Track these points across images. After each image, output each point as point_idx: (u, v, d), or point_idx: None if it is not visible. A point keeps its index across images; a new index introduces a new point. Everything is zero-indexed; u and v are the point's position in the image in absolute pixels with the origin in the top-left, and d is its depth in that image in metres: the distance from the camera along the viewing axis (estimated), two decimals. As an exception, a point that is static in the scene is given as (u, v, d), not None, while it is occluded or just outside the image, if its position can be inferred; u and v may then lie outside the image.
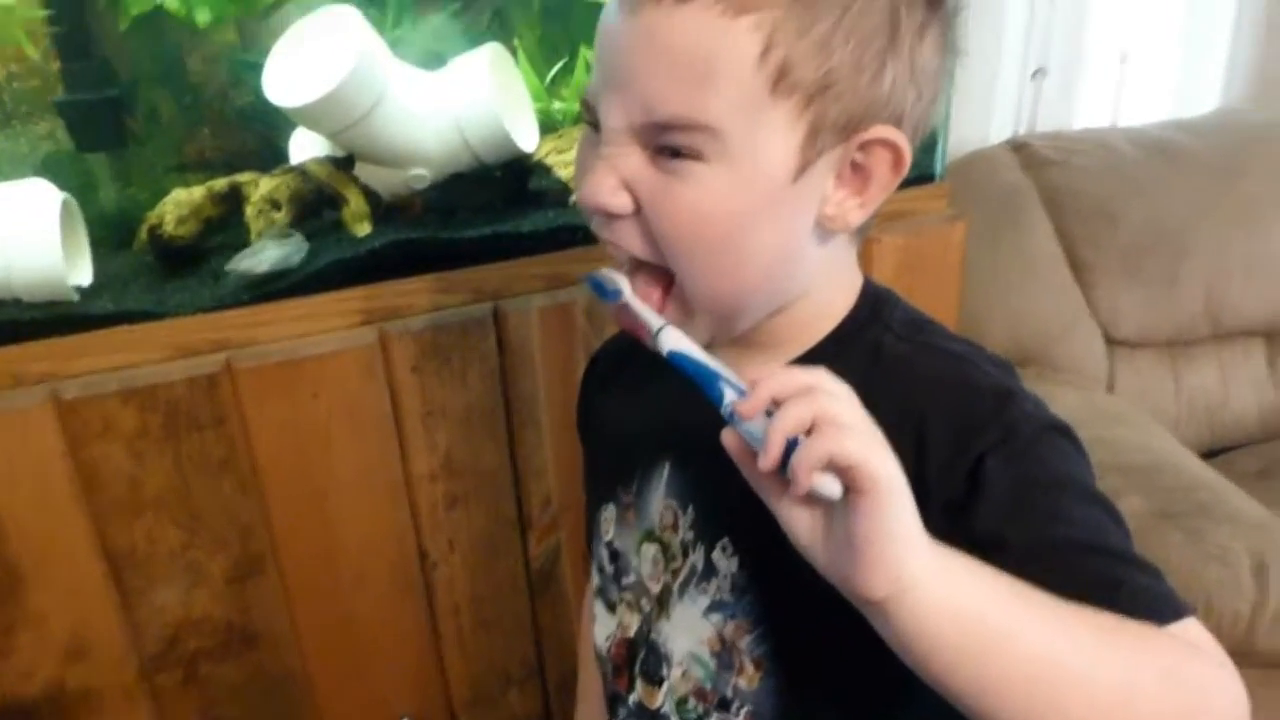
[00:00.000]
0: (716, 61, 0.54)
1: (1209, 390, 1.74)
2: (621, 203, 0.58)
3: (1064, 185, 1.70)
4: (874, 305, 0.66)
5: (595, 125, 0.60)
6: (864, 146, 0.58)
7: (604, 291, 0.62)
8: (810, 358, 0.64)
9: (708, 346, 0.58)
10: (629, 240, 0.60)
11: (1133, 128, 1.83)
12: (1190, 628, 0.53)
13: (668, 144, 0.56)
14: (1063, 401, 1.50)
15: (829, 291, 0.65)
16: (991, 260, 1.61)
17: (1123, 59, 1.89)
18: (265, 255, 1.02)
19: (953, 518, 0.55)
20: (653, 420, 0.71)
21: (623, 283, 0.61)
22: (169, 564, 1.02)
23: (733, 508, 0.62)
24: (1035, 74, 1.83)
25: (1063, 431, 0.59)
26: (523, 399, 1.09)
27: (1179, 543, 1.21)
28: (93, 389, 0.95)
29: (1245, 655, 1.15)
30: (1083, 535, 0.55)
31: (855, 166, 0.59)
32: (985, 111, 1.81)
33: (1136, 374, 1.71)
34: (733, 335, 0.64)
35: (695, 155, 0.56)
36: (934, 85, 0.60)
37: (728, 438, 0.52)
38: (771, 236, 0.59)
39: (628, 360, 0.78)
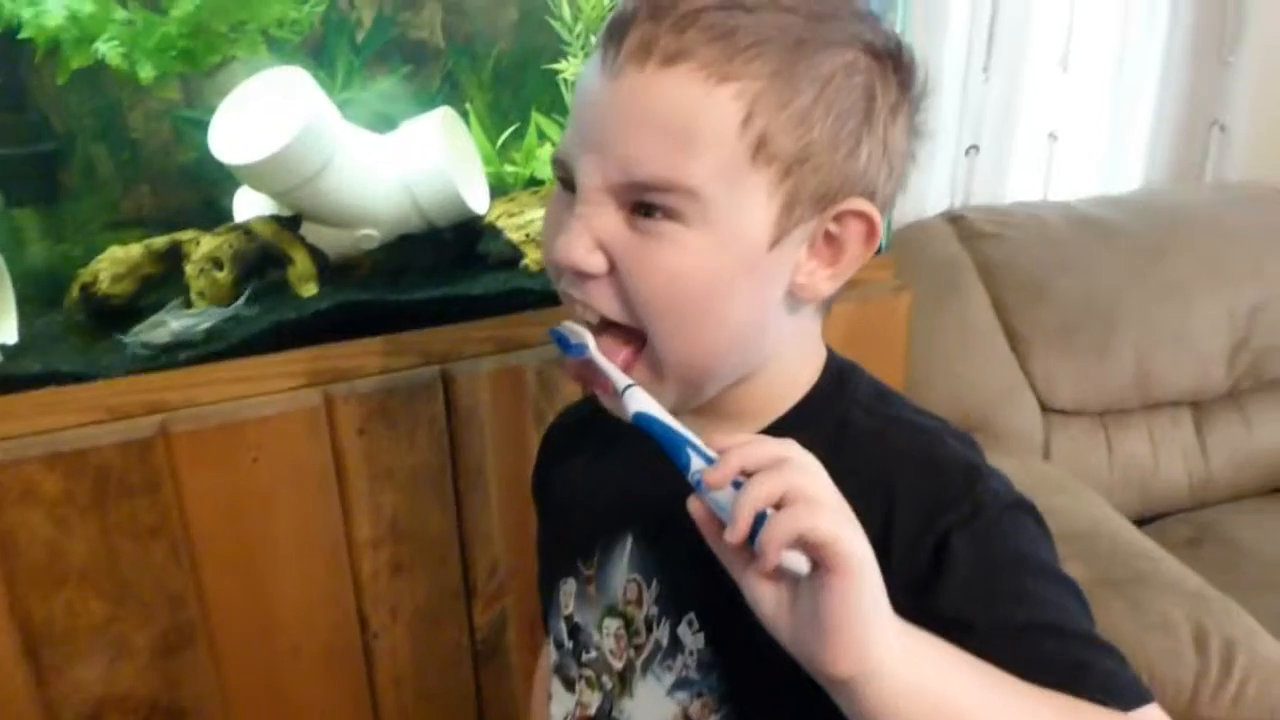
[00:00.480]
0: (699, 126, 0.54)
1: (1140, 458, 1.78)
2: (596, 263, 0.58)
3: (999, 258, 1.75)
4: (839, 378, 0.66)
5: (566, 184, 0.60)
6: (838, 218, 0.58)
7: (567, 345, 0.61)
8: (775, 430, 0.64)
9: (672, 414, 0.57)
10: (601, 300, 0.59)
11: (1062, 203, 1.89)
12: (1151, 713, 0.53)
13: (646, 202, 0.56)
14: (1004, 469, 1.52)
15: (794, 363, 0.65)
16: (932, 329, 1.64)
17: (1052, 138, 1.97)
18: (164, 330, 1.00)
19: (916, 595, 0.55)
20: (613, 492, 0.70)
21: (588, 338, 0.60)
22: (91, 637, 0.97)
23: (699, 582, 0.61)
24: (969, 150, 1.89)
25: (1027, 509, 0.60)
26: (470, 463, 1.07)
27: (1121, 611, 1.22)
28: (14, 453, 0.91)
29: (1189, 724, 1.17)
30: (1048, 616, 0.55)
31: (829, 237, 0.59)
32: (922, 185, 1.86)
33: (1071, 441, 1.74)
34: (698, 403, 0.63)
35: (674, 217, 0.56)
36: (902, 164, 0.61)
37: (694, 506, 0.51)
38: (745, 303, 0.59)
39: (584, 432, 0.77)
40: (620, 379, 0.58)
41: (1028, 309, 1.72)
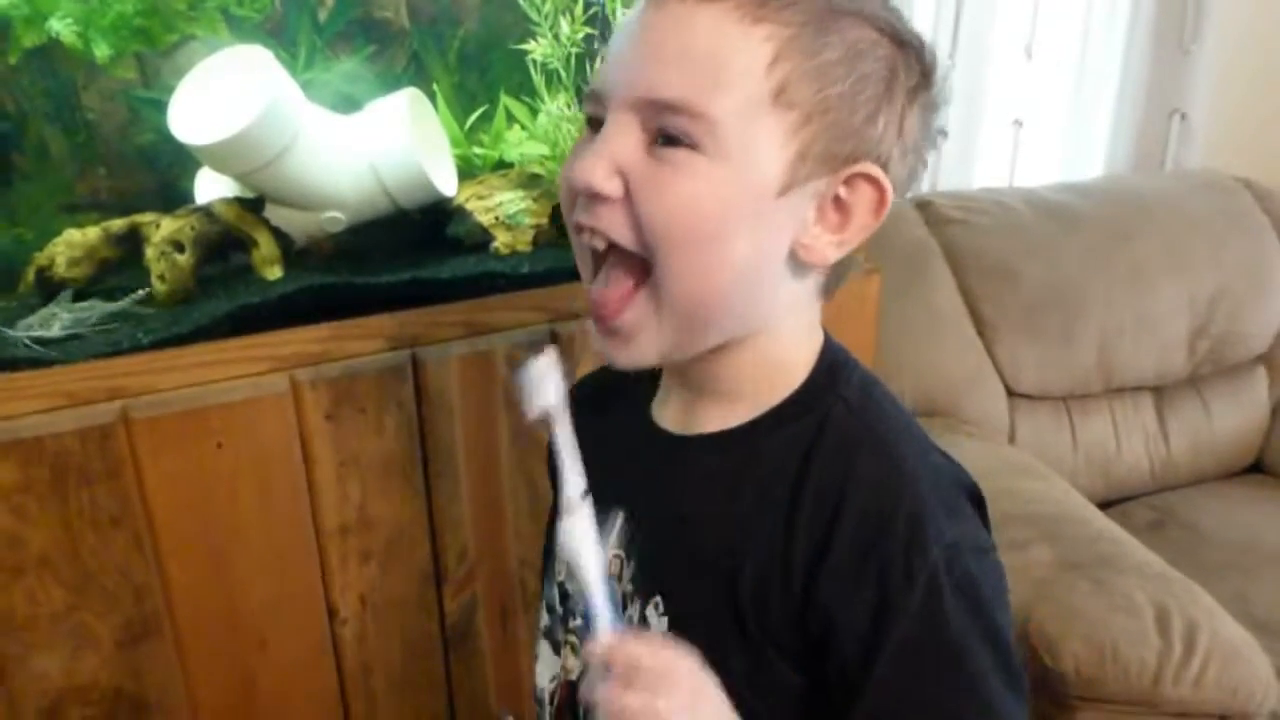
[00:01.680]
0: (728, 60, 0.56)
1: (1103, 442, 1.81)
2: (613, 186, 0.58)
3: (965, 243, 1.76)
4: (831, 367, 0.65)
5: (594, 123, 0.61)
6: (849, 182, 0.59)
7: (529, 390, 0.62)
8: (764, 423, 0.64)
9: (672, 362, 0.62)
10: (613, 225, 0.59)
11: (1028, 189, 1.90)
12: None
13: (668, 128, 0.57)
14: (970, 453, 1.52)
15: (790, 343, 0.65)
16: (899, 314, 1.64)
17: (1016, 124, 1.98)
18: (55, 322, 0.98)
19: (843, 639, 0.57)
20: (610, 467, 0.70)
21: (553, 399, 0.61)
22: (52, 627, 0.94)
23: (667, 568, 0.64)
24: (936, 135, 1.90)
25: (972, 579, 0.58)
26: (440, 448, 1.06)
27: (1085, 592, 1.24)
28: (-30, 441, 0.88)
29: (1153, 705, 1.18)
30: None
31: (838, 203, 0.60)
32: (889, 170, 1.86)
33: (1036, 425, 1.76)
34: (690, 353, 0.63)
35: (692, 145, 0.57)
36: (915, 155, 0.61)
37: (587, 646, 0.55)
38: (749, 246, 0.59)
39: (598, 402, 0.76)
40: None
41: (994, 294, 1.74)
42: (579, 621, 0.72)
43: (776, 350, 0.64)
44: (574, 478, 0.59)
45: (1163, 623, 1.20)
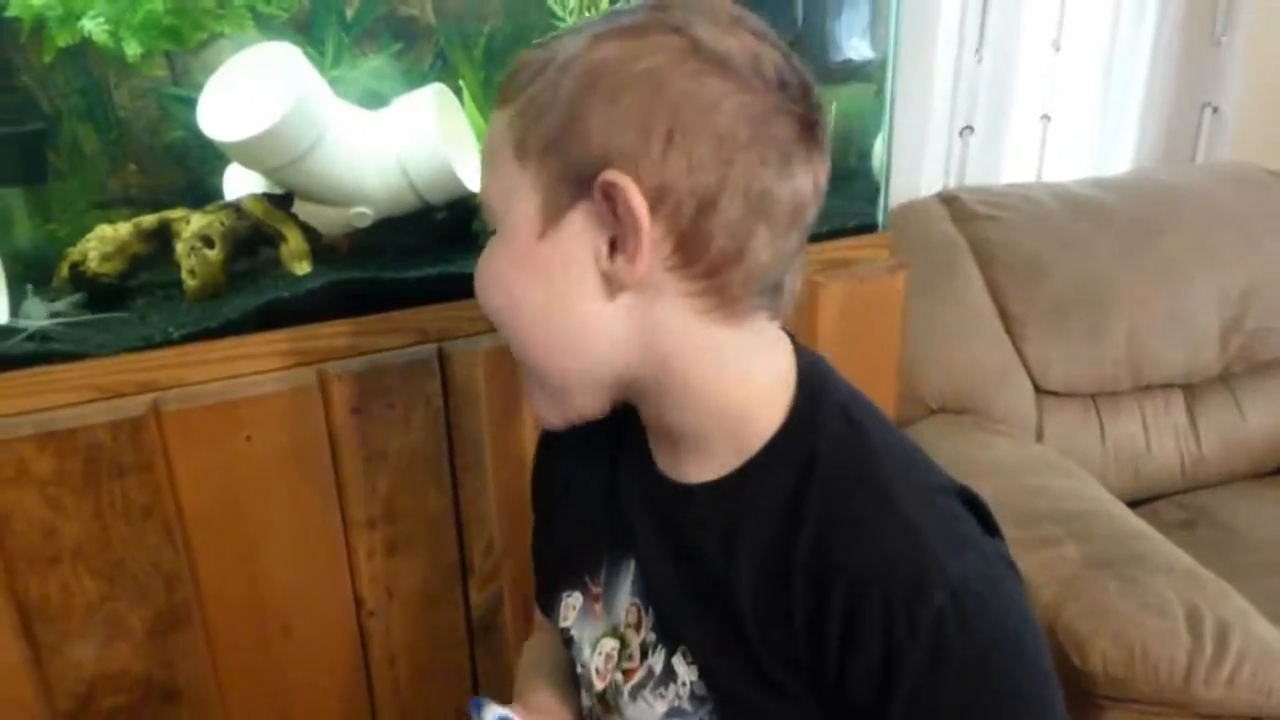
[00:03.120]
0: (491, 147, 0.61)
1: (1133, 440, 1.79)
2: None
3: (993, 238, 1.75)
4: (811, 395, 0.63)
5: None
6: (608, 197, 0.56)
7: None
8: (755, 466, 0.62)
9: (574, 424, 0.65)
10: None
11: (1056, 184, 1.89)
12: None
13: None
14: (998, 451, 1.53)
15: (734, 382, 0.62)
16: (926, 310, 1.64)
17: (1045, 119, 1.96)
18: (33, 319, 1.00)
19: (857, 687, 0.56)
20: (620, 511, 0.70)
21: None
22: (86, 616, 0.96)
23: (684, 616, 0.64)
24: (963, 131, 1.89)
25: (982, 605, 0.55)
26: (467, 441, 1.06)
27: (1115, 591, 1.22)
28: (5, 432, 0.90)
29: (1184, 706, 1.17)
30: None
31: (617, 221, 0.57)
32: (915, 164, 1.86)
33: (1064, 423, 1.75)
34: (585, 410, 0.64)
35: (492, 230, 0.63)
36: (682, 147, 0.55)
37: None
38: (539, 296, 0.60)
39: (586, 441, 0.73)
40: None
41: (1021, 290, 1.72)
42: (578, 670, 0.73)
43: (718, 394, 0.61)
44: None
45: (1194, 622, 1.18)
